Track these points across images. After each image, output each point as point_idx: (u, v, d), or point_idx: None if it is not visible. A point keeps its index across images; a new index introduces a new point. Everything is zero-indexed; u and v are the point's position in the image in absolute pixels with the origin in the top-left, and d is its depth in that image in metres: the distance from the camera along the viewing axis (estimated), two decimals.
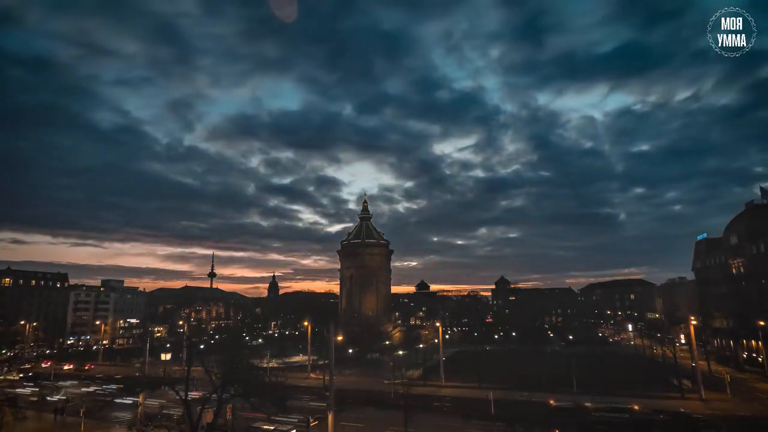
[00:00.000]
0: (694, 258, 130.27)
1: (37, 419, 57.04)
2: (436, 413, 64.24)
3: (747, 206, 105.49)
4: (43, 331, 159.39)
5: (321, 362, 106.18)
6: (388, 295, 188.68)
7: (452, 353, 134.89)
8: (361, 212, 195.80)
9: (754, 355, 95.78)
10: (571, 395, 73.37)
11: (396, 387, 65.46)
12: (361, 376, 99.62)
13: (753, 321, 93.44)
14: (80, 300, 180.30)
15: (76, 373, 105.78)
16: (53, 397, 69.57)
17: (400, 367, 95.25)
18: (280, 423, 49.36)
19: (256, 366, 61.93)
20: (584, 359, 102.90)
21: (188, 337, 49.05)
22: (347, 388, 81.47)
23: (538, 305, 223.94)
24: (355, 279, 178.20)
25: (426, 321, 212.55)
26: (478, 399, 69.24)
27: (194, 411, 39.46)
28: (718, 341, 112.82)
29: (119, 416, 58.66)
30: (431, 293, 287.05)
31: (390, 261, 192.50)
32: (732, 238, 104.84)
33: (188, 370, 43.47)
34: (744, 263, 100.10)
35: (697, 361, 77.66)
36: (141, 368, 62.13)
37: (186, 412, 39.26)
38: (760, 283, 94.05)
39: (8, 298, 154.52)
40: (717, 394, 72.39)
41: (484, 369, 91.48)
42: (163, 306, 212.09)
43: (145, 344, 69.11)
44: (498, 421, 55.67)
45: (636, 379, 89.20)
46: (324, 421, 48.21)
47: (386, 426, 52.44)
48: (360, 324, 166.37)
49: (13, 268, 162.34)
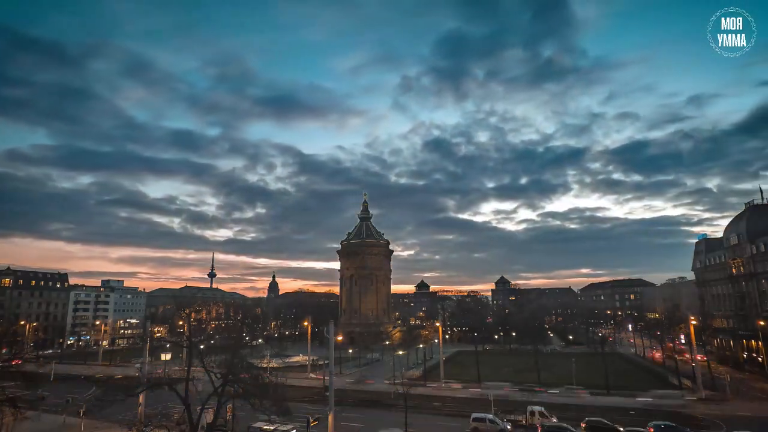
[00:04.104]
0: (694, 258, 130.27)
1: (38, 419, 57.06)
2: (436, 413, 64.21)
3: (747, 206, 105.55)
4: (43, 331, 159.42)
5: (321, 362, 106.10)
6: (388, 295, 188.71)
7: (452, 353, 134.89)
8: (361, 212, 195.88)
9: (754, 355, 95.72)
10: (571, 394, 73.46)
11: (396, 387, 65.42)
12: (361, 376, 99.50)
13: (753, 321, 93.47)
14: (80, 300, 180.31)
15: (74, 373, 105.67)
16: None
17: (400, 367, 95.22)
18: (280, 423, 49.31)
19: (256, 366, 62.04)
20: (584, 359, 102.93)
21: (188, 337, 48.89)
22: (347, 388, 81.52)
23: (538, 305, 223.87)
24: (355, 279, 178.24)
25: (426, 321, 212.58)
26: (479, 399, 69.25)
27: (194, 411, 39.43)
28: (718, 341, 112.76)
29: (119, 416, 58.61)
30: (431, 293, 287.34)
31: (390, 261, 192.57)
32: (732, 238, 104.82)
33: (188, 370, 43.43)
34: (744, 263, 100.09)
35: (697, 361, 77.72)
36: (141, 368, 62.07)
37: (186, 412, 39.23)
38: (760, 283, 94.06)
39: (8, 298, 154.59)
40: (717, 394, 72.43)
41: (484, 369, 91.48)
42: (162, 306, 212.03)
43: (145, 344, 69.03)
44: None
45: (636, 378, 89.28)
46: (324, 421, 48.19)
47: (386, 426, 52.37)
48: (360, 324, 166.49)
49: (13, 268, 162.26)
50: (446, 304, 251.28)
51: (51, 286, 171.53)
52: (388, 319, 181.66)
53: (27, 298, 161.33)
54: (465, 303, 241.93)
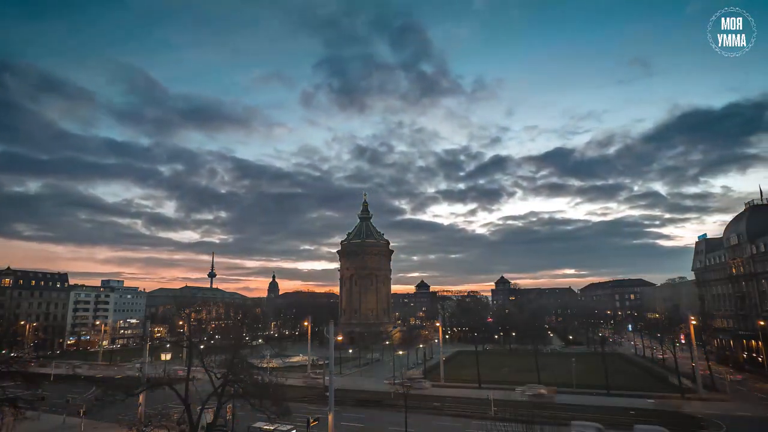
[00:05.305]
0: (694, 258, 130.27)
1: (38, 419, 57.06)
2: (436, 413, 64.18)
3: (747, 206, 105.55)
4: (43, 331, 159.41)
5: (321, 362, 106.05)
6: (388, 295, 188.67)
7: (452, 353, 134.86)
8: (361, 212, 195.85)
9: (754, 355, 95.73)
10: (572, 395, 73.42)
11: (396, 387, 65.43)
12: (361, 376, 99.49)
13: (753, 321, 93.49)
14: (80, 300, 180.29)
15: (73, 373, 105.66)
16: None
17: (400, 367, 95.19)
18: (280, 423, 49.28)
19: (256, 366, 62.02)
20: (584, 359, 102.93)
21: (188, 337, 48.90)
22: (347, 388, 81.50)
23: (537, 305, 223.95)
24: (355, 279, 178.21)
25: (426, 321, 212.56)
26: (478, 399, 69.25)
27: (194, 411, 39.44)
28: (718, 341, 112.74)
29: (119, 416, 58.58)
30: (431, 293, 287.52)
31: (390, 261, 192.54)
32: (732, 238, 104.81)
33: (188, 370, 43.43)
34: (744, 263, 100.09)
35: (697, 361, 77.70)
36: (141, 368, 62.03)
37: (186, 412, 39.23)
38: (760, 283, 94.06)
39: (8, 298, 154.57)
40: (717, 394, 72.42)
41: (483, 369, 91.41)
42: (162, 306, 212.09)
43: (145, 344, 69.02)
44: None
45: (636, 378, 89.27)
46: (324, 421, 48.18)
47: (386, 426, 52.37)
48: (360, 324, 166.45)
49: (13, 268, 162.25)
50: (446, 304, 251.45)
51: (51, 286, 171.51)
52: (388, 319, 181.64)
53: (27, 298, 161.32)
54: (465, 303, 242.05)
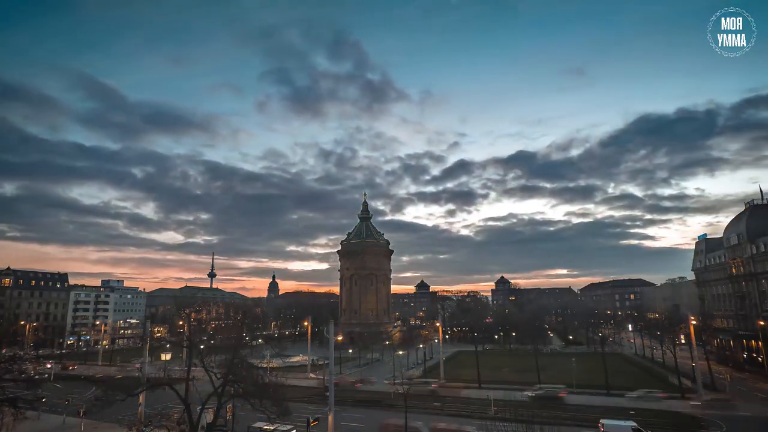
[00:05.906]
0: (694, 258, 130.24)
1: (37, 419, 57.06)
2: (436, 413, 64.18)
3: (747, 206, 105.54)
4: (43, 331, 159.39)
5: (321, 362, 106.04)
6: (388, 295, 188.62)
7: (452, 353, 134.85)
8: (361, 212, 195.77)
9: (754, 355, 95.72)
10: (571, 395, 73.42)
11: (396, 387, 65.41)
12: (361, 376, 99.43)
13: (753, 321, 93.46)
14: (80, 300, 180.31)
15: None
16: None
17: (400, 367, 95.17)
18: (280, 423, 49.27)
19: (256, 366, 62.01)
20: (584, 359, 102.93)
21: (188, 337, 48.90)
22: (347, 388, 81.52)
23: (537, 305, 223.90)
24: (355, 279, 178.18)
25: (426, 321, 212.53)
26: (478, 399, 69.25)
27: (194, 411, 39.43)
28: (718, 341, 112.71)
29: (119, 416, 58.59)
30: (431, 293, 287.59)
31: (390, 261, 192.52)
32: (732, 238, 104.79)
33: (188, 370, 43.41)
34: (744, 263, 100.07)
35: (697, 361, 77.69)
36: (141, 368, 62.03)
37: (186, 412, 39.22)
38: (760, 283, 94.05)
39: (8, 298, 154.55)
40: (717, 394, 72.38)
41: (483, 369, 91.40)
42: (162, 306, 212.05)
43: (145, 344, 69.00)
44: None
45: (636, 378, 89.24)
46: (324, 421, 48.17)
47: (386, 426, 52.32)
48: (360, 324, 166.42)
49: (13, 268, 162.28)
50: (446, 304, 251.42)
51: (51, 286, 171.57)
52: (388, 319, 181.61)
53: (27, 298, 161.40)
54: (465, 303, 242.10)
